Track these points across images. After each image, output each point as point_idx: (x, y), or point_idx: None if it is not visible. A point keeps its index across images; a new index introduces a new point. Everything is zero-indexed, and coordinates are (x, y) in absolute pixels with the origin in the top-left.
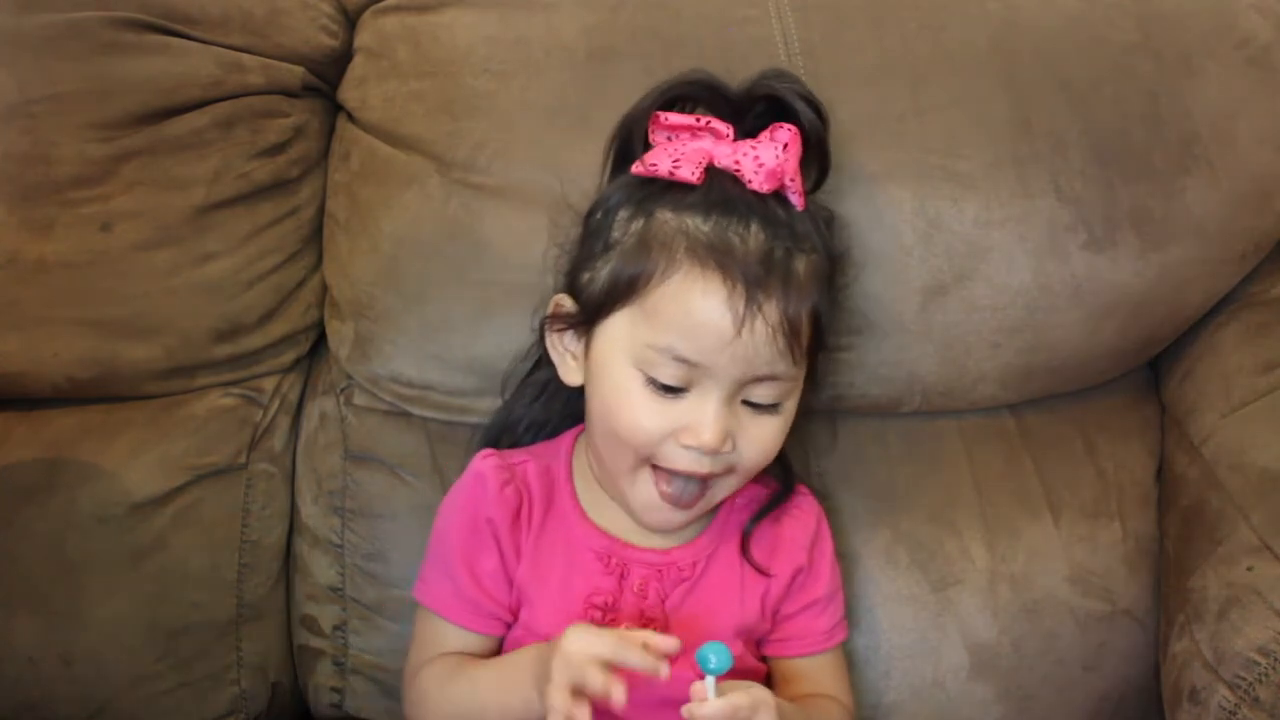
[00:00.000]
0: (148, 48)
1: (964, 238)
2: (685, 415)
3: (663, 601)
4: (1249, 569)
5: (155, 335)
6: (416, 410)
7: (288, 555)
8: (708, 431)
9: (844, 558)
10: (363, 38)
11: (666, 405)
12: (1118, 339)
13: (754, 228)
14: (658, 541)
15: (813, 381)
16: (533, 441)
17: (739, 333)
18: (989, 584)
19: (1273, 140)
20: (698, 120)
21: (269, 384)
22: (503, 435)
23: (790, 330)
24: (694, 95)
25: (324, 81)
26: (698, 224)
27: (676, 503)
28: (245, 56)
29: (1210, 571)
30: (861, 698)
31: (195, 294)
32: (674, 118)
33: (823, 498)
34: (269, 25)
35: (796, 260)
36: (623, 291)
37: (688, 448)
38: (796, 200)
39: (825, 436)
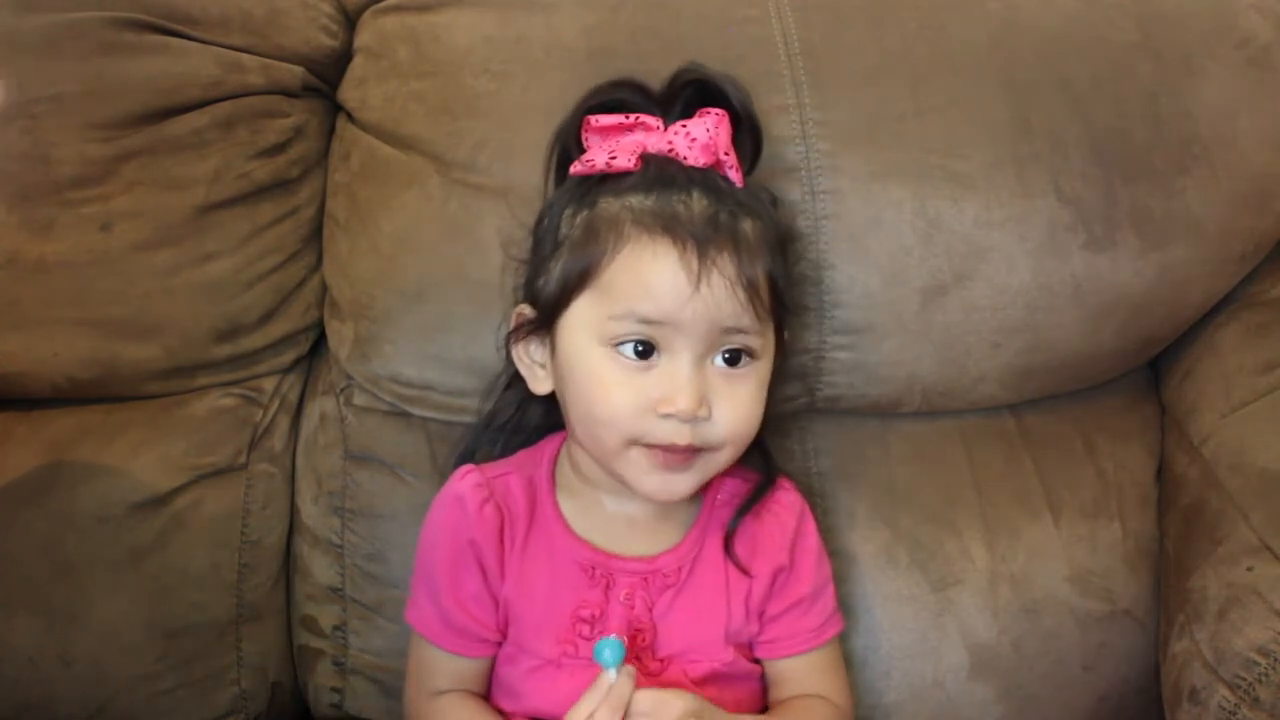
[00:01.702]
0: (148, 48)
1: (964, 238)
2: (658, 384)
3: (650, 610)
4: (1249, 569)
5: (155, 335)
6: (416, 410)
7: (288, 555)
8: (682, 396)
9: (843, 558)
10: (363, 38)
11: (638, 377)
12: (1118, 339)
13: (696, 194)
14: (642, 549)
15: (783, 350)
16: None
17: (697, 288)
18: (989, 584)
19: (1273, 140)
20: (627, 118)
21: (269, 384)
22: (482, 447)
23: (748, 285)
24: (620, 97)
25: (324, 81)
26: (640, 199)
27: (669, 464)
28: (245, 56)
29: (1210, 571)
30: (861, 698)
31: (195, 294)
32: (604, 118)
33: (821, 497)
34: (269, 25)
35: (743, 222)
36: (577, 280)
37: (666, 416)
38: (735, 176)
39: (825, 436)
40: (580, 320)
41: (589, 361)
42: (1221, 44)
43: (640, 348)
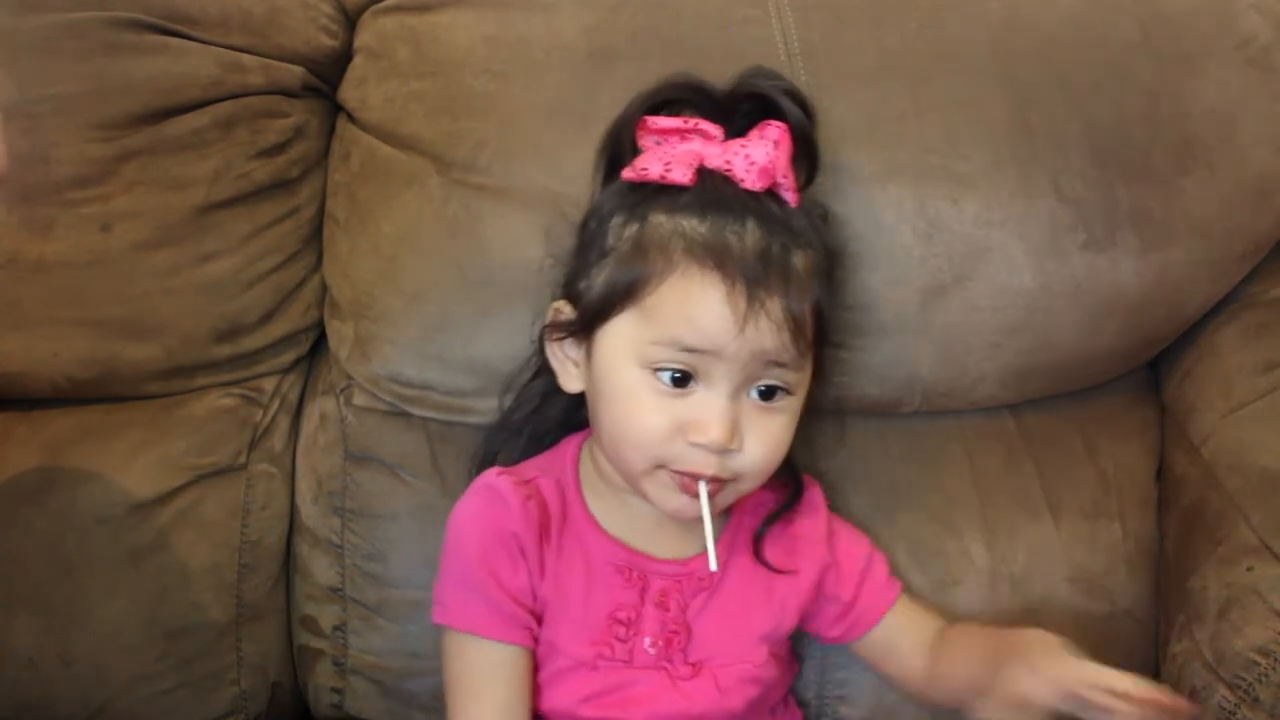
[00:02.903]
0: (148, 48)
1: (964, 238)
2: (692, 411)
3: (684, 611)
4: (1249, 569)
5: (155, 335)
6: (416, 410)
7: (287, 555)
8: (715, 426)
9: None
10: (363, 38)
11: (673, 403)
12: (1118, 339)
13: (750, 225)
14: (675, 552)
15: (819, 378)
16: (535, 452)
17: (742, 330)
18: (989, 584)
19: (1272, 140)
20: (686, 122)
21: (269, 384)
22: (504, 446)
23: (794, 325)
24: (680, 98)
25: (324, 81)
26: (693, 224)
27: (693, 490)
28: (245, 56)
29: (1210, 572)
30: (861, 699)
31: (195, 294)
32: (662, 121)
33: None
34: (269, 25)
35: (794, 256)
36: (621, 296)
37: (695, 445)
38: (790, 197)
39: (825, 436)
40: (620, 337)
41: (625, 380)
42: (1222, 44)
43: (678, 375)
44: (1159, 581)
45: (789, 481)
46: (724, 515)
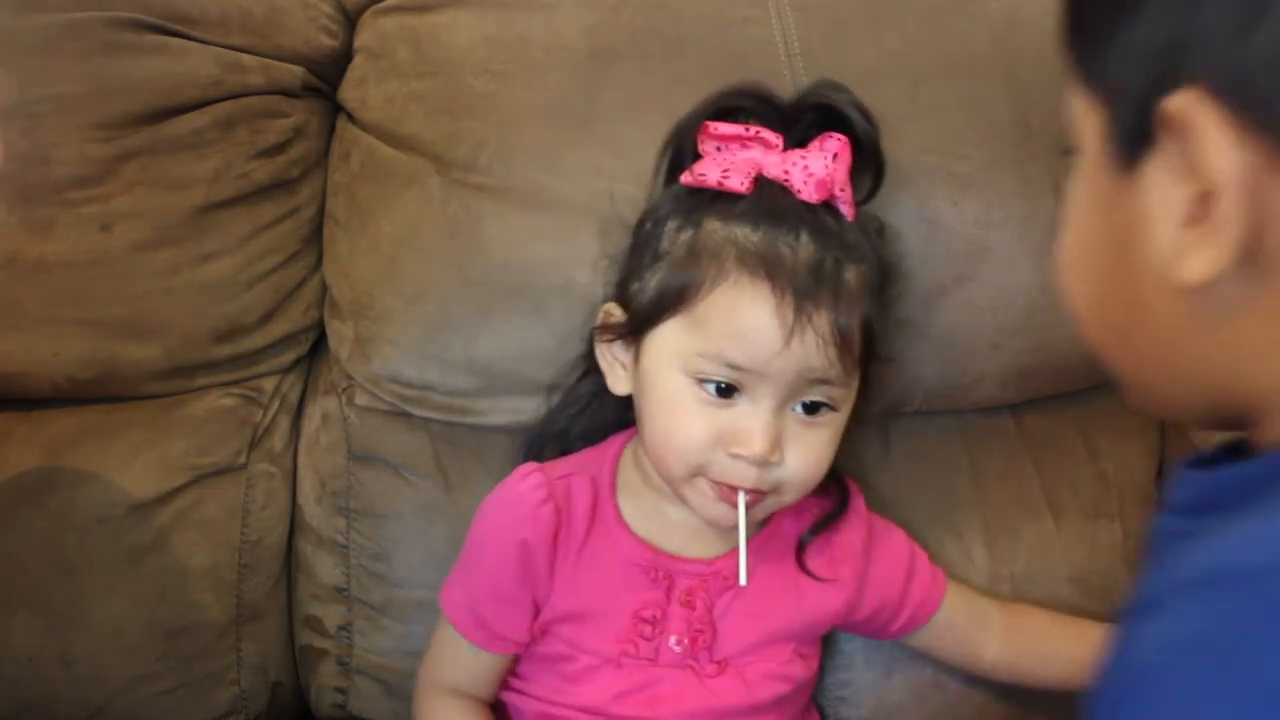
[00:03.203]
0: (147, 48)
1: (964, 238)
2: (735, 422)
3: (709, 610)
4: None
5: (155, 335)
6: (417, 411)
7: (288, 555)
8: (757, 439)
9: None
10: (363, 38)
11: (716, 413)
12: None
13: (804, 237)
14: (702, 551)
15: (865, 394)
16: (582, 448)
17: (788, 343)
18: (990, 584)
19: None
20: (747, 130)
21: (269, 384)
22: (549, 444)
23: (841, 341)
24: (745, 105)
25: (324, 82)
26: (747, 233)
27: (732, 500)
28: (245, 56)
29: None
30: (861, 699)
31: (195, 294)
32: (723, 127)
33: None
34: (269, 25)
35: (847, 270)
36: (671, 301)
37: (737, 457)
38: (846, 210)
39: None
40: (668, 344)
41: (670, 387)
42: None
43: (723, 386)
44: None
45: (833, 489)
46: (762, 522)
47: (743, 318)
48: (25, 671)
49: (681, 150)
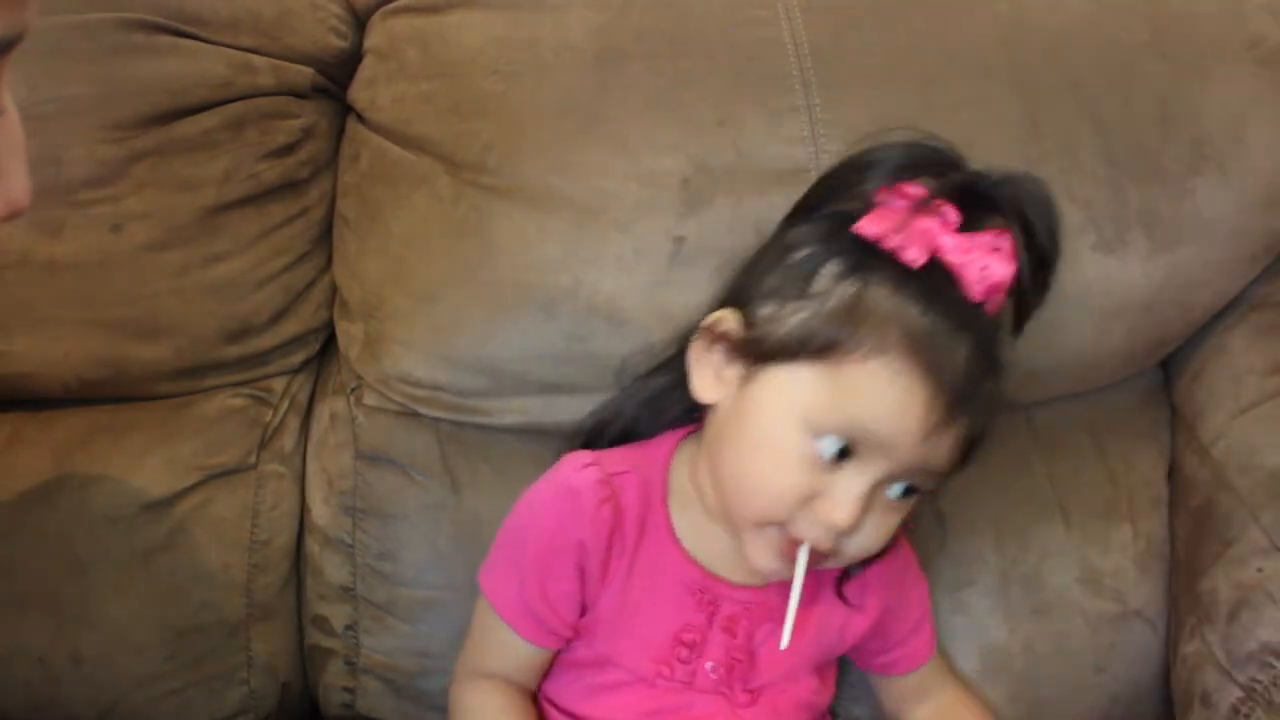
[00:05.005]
0: (158, 49)
1: None
2: (833, 486)
3: (750, 639)
4: (1259, 570)
5: (165, 336)
6: (426, 411)
7: (298, 555)
8: (844, 510)
9: None
10: (372, 39)
11: (817, 473)
12: (1127, 340)
13: (967, 340)
14: (752, 579)
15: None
16: (630, 441)
17: (925, 439)
18: (1000, 584)
19: None
20: (929, 196)
21: (279, 384)
22: (606, 429)
23: (968, 448)
24: (932, 161)
25: (333, 83)
26: (914, 315)
27: (792, 556)
28: (255, 58)
29: (1220, 573)
30: (868, 698)
31: (205, 295)
32: (909, 188)
33: None
34: (278, 27)
35: (989, 380)
36: (815, 350)
37: (816, 520)
38: (994, 310)
39: None
40: (796, 390)
41: (779, 433)
42: (1232, 45)
43: (842, 453)
44: (1170, 582)
45: None
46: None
47: (894, 402)
48: (35, 670)
49: (847, 187)
